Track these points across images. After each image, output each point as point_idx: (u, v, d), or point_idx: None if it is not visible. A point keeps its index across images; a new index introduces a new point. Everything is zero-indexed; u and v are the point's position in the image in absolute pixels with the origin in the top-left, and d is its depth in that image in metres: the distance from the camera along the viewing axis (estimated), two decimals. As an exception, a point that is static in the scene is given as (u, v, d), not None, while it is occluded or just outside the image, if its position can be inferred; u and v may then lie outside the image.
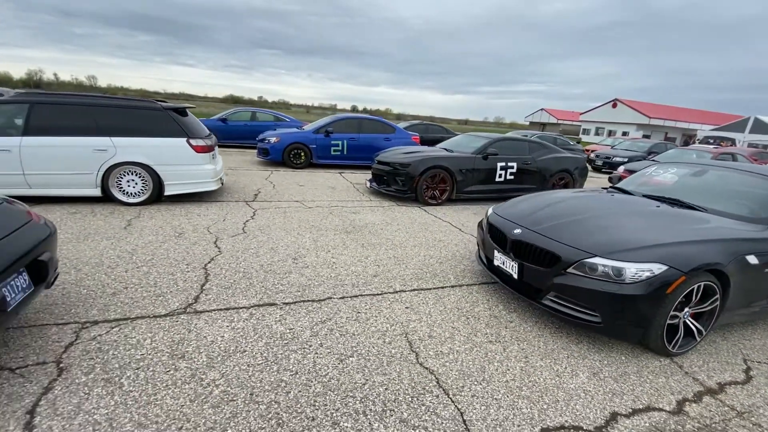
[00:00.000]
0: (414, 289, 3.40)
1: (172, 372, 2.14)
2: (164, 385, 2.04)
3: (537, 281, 2.88)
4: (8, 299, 1.89)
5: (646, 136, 35.88)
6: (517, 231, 3.08)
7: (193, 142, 5.45)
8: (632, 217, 3.10)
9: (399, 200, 6.86)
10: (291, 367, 2.26)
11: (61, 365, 2.13)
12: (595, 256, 2.62)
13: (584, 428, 2.00)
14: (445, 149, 7.46)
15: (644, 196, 3.66)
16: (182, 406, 1.91)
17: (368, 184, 7.60)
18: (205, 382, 2.08)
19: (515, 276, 3.03)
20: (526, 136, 11.83)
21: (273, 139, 9.62)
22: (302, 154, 9.74)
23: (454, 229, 5.44)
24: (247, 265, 3.63)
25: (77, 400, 1.90)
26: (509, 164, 7.18)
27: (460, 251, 4.51)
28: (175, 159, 5.35)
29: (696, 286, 2.58)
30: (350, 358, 2.38)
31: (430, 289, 3.44)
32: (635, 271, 2.50)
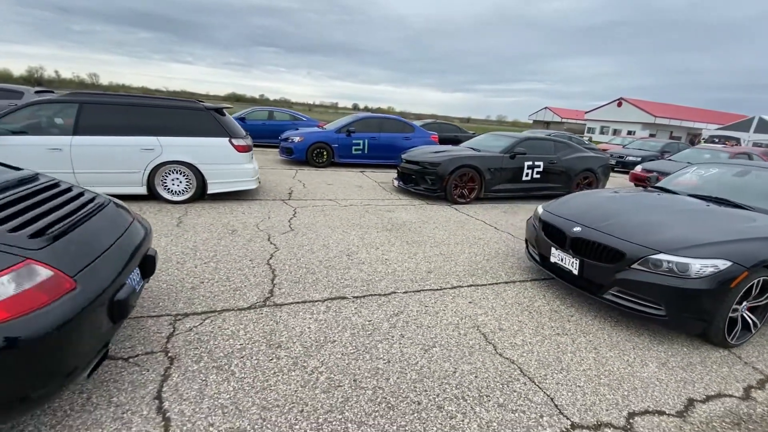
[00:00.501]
0: (471, 285, 3.53)
1: (275, 360, 2.27)
2: (272, 372, 2.18)
3: (599, 277, 3.01)
4: (135, 291, 2.02)
5: (651, 135, 35.92)
6: (577, 229, 3.21)
7: (235, 141, 5.57)
8: (686, 215, 3.23)
9: (428, 199, 6.99)
10: (381, 356, 2.40)
11: (169, 354, 2.26)
12: (660, 252, 2.75)
13: (667, 412, 2.14)
14: (472, 148, 7.59)
15: (690, 195, 3.78)
16: (295, 391, 2.05)
17: (395, 182, 7.72)
18: (308, 370, 2.22)
19: (575, 272, 3.16)
20: (549, 135, 11.95)
21: (297, 139, 9.74)
22: (324, 153, 9.87)
23: (488, 227, 5.56)
24: (307, 261, 3.76)
25: (197, 386, 2.03)
26: (536, 163, 7.30)
27: (501, 249, 4.64)
28: (217, 158, 5.48)
29: (756, 281, 2.71)
30: (433, 349, 2.51)
31: (486, 285, 3.57)
32: (700, 266, 2.63)
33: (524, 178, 7.28)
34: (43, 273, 1.46)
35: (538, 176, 7.39)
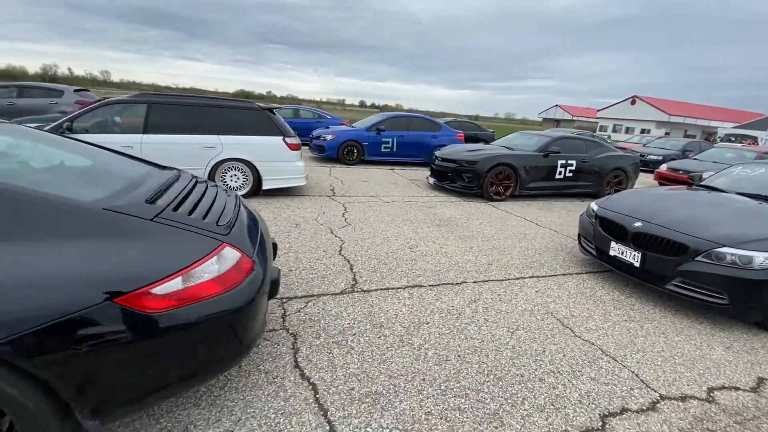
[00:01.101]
0: (532, 277, 3.78)
1: (383, 338, 2.55)
2: (385, 347, 2.45)
3: (661, 269, 3.24)
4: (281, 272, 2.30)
5: (666, 134, 35.69)
6: (638, 224, 3.44)
7: (288, 140, 5.86)
8: (742, 212, 3.44)
9: (464, 196, 7.22)
10: (474, 336, 2.66)
11: (290, 332, 2.54)
12: (724, 246, 2.97)
13: (741, 388, 2.37)
14: (505, 147, 7.80)
15: (739, 194, 3.99)
16: (411, 363, 2.32)
17: (430, 180, 7.97)
18: (415, 346, 2.48)
19: (636, 264, 3.39)
20: (576, 134, 12.09)
21: (329, 137, 10.02)
22: (355, 151, 10.13)
23: (529, 223, 5.79)
24: (375, 252, 4.03)
25: (326, 357, 2.31)
26: (569, 162, 7.50)
27: (549, 244, 4.87)
28: (272, 156, 5.77)
29: (812, 273, 2.92)
30: (518, 331, 2.77)
31: (546, 276, 3.82)
32: (763, 259, 2.85)
33: (557, 176, 7.49)
34: (235, 255, 1.74)
35: (570, 175, 7.59)
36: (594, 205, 4.12)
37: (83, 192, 1.66)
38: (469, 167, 7.01)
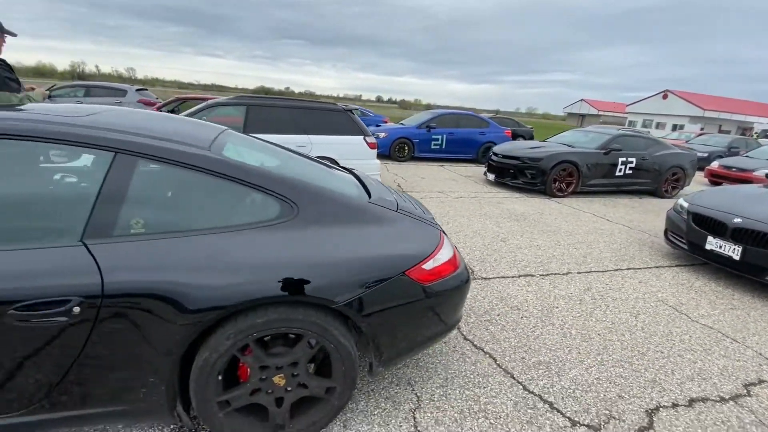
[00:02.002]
0: (628, 269, 4.06)
1: (525, 318, 2.89)
2: (531, 326, 2.79)
3: (762, 262, 3.48)
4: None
5: (702, 129, 34.70)
6: (738, 220, 3.67)
7: (368, 139, 6.24)
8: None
9: (525, 192, 7.47)
10: (603, 319, 2.98)
11: (442, 311, 2.91)
12: (831, 241, 3.20)
13: None
14: (564, 144, 8.00)
15: (828, 192, 4.15)
16: (561, 339, 2.65)
17: (488, 176, 8.25)
18: (557, 326, 2.82)
19: (736, 258, 3.63)
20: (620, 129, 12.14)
21: (381, 135, 10.37)
22: (406, 148, 10.47)
23: (600, 219, 6.03)
24: (473, 245, 4.37)
25: (487, 332, 2.67)
26: (629, 159, 7.66)
27: (628, 238, 5.12)
28: (354, 154, 6.16)
29: None
30: (640, 315, 3.07)
31: (641, 268, 4.09)
32: None
33: (617, 173, 7.66)
34: (450, 244, 2.10)
35: (630, 172, 7.74)
36: (683, 202, 4.34)
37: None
38: (533, 164, 7.26)
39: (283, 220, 1.61)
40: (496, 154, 8.04)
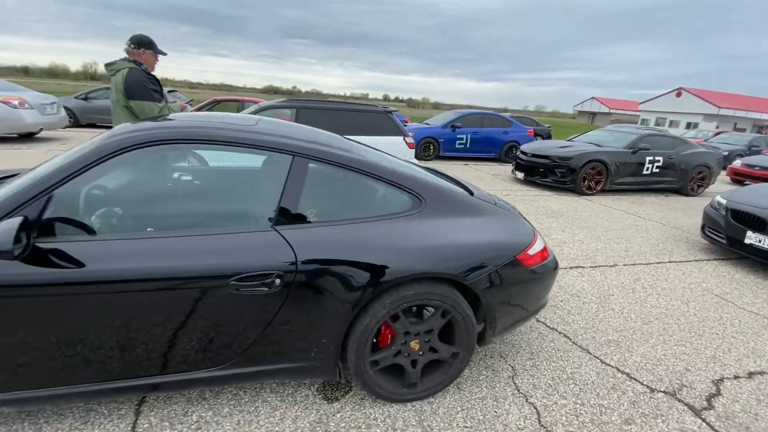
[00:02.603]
0: (669, 262, 4.31)
1: (586, 304, 3.17)
2: (593, 311, 3.07)
3: (802, 254, 3.72)
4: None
5: (717, 128, 34.43)
6: (778, 216, 3.91)
7: (407, 139, 6.53)
8: None
9: (554, 189, 7.72)
10: (657, 305, 3.25)
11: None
12: None
13: None
14: (592, 144, 8.23)
15: None
16: (623, 323, 2.93)
17: (516, 174, 8.50)
18: (616, 311, 3.10)
19: (776, 251, 3.87)
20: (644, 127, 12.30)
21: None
22: (431, 147, 10.75)
23: (632, 215, 6.26)
24: (521, 239, 4.65)
25: (557, 315, 2.95)
26: (656, 158, 7.86)
27: (663, 234, 5.36)
28: (395, 154, 6.45)
29: None
30: (690, 303, 3.34)
31: (682, 261, 4.34)
32: None
33: (644, 172, 7.87)
34: (539, 237, 2.38)
35: (657, 170, 7.95)
36: (721, 199, 4.58)
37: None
38: (563, 163, 7.50)
39: (415, 212, 1.92)
40: (524, 153, 8.29)
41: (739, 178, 10.43)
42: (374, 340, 1.86)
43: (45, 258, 1.41)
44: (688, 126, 38.06)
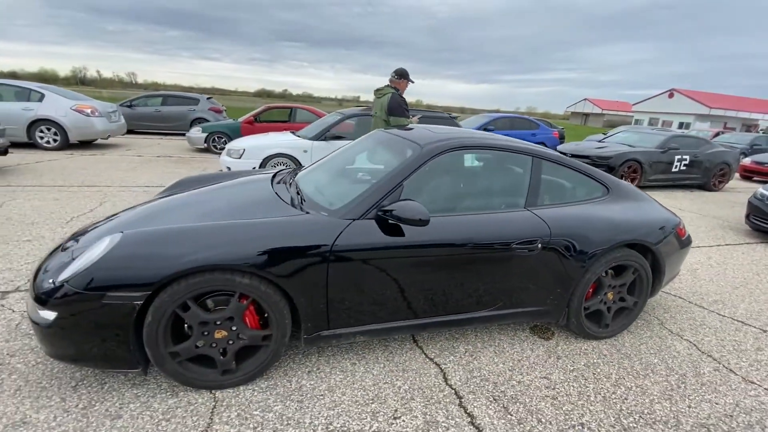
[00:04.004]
0: (726, 244, 5.07)
1: (682, 275, 3.88)
2: (689, 279, 3.78)
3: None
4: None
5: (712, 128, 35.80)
6: (820, 203, 4.69)
7: (471, 142, 7.23)
8: None
9: (594, 187, 8.48)
10: (736, 276, 3.97)
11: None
12: None
13: None
14: (626, 144, 9.02)
15: None
16: (717, 286, 3.64)
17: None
18: (706, 279, 3.81)
19: (819, 232, 4.64)
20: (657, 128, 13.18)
21: (446, 137, 11.38)
22: (466, 148, 11.47)
23: (672, 208, 7.03)
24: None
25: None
26: (684, 157, 8.68)
27: (707, 223, 6.13)
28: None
29: None
30: (760, 274, 4.07)
31: (735, 245, 5.10)
32: None
33: (673, 169, 8.68)
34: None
35: (684, 168, 8.77)
36: (765, 191, 5.36)
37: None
38: (603, 162, 8.26)
39: (606, 197, 2.60)
40: (564, 154, 9.02)
41: (749, 174, 11.34)
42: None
43: (399, 228, 2.05)
44: (680, 126, 39.51)
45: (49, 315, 1.69)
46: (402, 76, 4.67)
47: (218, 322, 1.84)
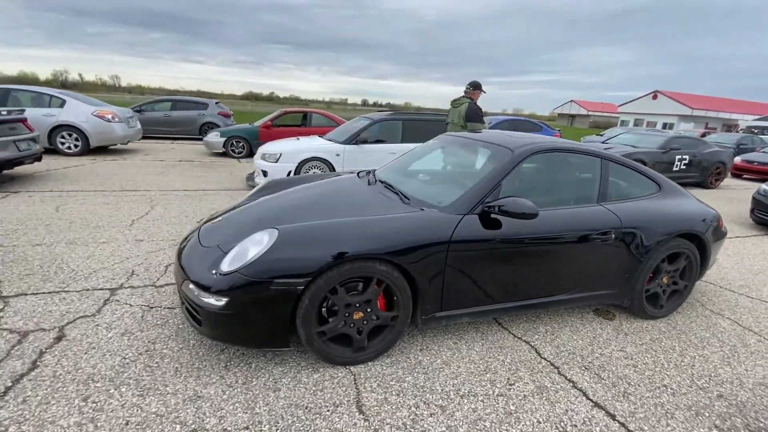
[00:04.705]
0: (736, 237, 5.52)
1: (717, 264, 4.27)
2: (722, 266, 4.18)
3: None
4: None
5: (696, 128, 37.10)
6: (820, 198, 5.17)
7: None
8: None
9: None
10: (753, 264, 4.39)
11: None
12: None
13: None
14: (629, 145, 9.52)
15: None
16: (740, 274, 4.04)
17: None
18: (729, 268, 4.21)
19: (820, 224, 5.12)
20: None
21: (454, 139, 11.76)
22: (473, 150, 11.87)
23: (677, 205, 7.52)
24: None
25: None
26: (684, 157, 9.22)
27: (714, 217, 6.60)
28: (481, 157, 7.50)
29: None
30: (773, 262, 4.51)
31: (744, 237, 5.56)
32: None
33: (674, 169, 9.20)
34: (702, 208, 3.45)
35: (684, 167, 9.31)
36: (767, 187, 5.85)
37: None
38: (610, 163, 8.73)
39: (659, 193, 2.96)
40: (570, 155, 9.48)
41: (739, 173, 12.01)
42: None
43: (498, 222, 2.35)
44: (664, 126, 40.87)
45: (218, 301, 1.94)
46: (476, 87, 5.41)
47: (357, 305, 2.11)
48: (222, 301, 1.94)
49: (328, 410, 1.90)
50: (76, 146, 8.59)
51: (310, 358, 2.26)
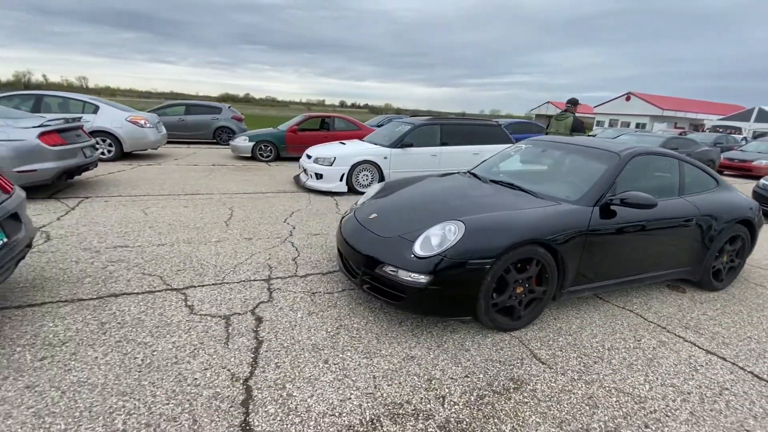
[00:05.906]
0: (744, 225, 6.33)
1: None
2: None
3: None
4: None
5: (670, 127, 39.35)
6: (814, 190, 6.04)
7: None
8: None
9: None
10: (764, 257, 5.17)
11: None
12: None
13: None
14: (631, 146, 10.41)
15: None
16: (753, 267, 4.79)
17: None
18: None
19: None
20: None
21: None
22: (484, 151, 12.56)
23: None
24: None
25: (724, 255, 4.76)
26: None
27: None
28: (509, 158, 8.13)
29: None
30: (783, 245, 5.30)
31: (750, 224, 6.38)
32: None
33: (672, 166, 10.15)
34: (740, 200, 4.15)
35: (680, 165, 10.27)
36: (766, 182, 6.72)
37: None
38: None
39: (717, 187, 3.61)
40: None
41: (720, 169, 13.20)
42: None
43: (614, 213, 2.92)
44: (637, 126, 43.19)
45: (424, 279, 2.42)
46: (574, 103, 6.95)
47: (521, 281, 2.63)
48: (426, 279, 2.41)
49: (518, 362, 2.40)
50: (109, 152, 8.68)
51: (472, 326, 2.76)
